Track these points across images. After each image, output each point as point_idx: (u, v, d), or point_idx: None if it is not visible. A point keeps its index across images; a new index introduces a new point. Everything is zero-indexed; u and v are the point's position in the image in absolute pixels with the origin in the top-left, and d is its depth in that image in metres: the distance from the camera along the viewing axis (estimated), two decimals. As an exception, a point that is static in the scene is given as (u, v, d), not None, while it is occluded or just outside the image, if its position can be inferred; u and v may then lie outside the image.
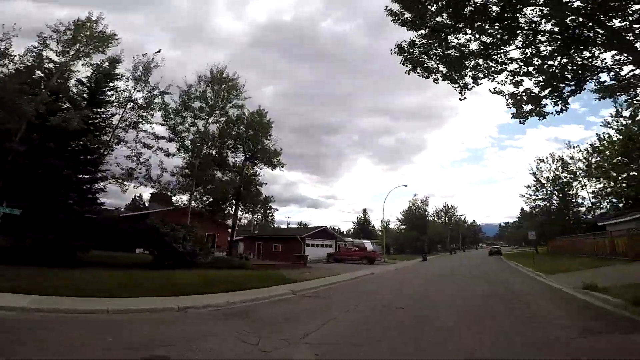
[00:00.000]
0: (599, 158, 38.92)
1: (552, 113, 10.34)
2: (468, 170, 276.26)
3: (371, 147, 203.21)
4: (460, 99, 11.32)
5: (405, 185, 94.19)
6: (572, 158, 40.69)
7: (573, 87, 9.83)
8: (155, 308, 8.48)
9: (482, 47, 10.29)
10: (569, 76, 9.82)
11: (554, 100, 10.09)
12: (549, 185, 40.67)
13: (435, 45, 11.35)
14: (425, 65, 11.92)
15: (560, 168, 40.48)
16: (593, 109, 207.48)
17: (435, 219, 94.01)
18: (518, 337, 6.09)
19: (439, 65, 11.75)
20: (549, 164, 41.39)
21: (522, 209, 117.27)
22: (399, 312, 8.54)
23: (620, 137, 37.50)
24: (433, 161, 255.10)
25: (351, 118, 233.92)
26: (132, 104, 19.65)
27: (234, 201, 22.67)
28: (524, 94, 10.64)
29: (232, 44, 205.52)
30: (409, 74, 12.20)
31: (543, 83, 9.99)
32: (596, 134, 58.17)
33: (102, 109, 18.83)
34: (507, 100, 11.76)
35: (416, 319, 7.70)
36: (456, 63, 11.13)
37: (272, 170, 25.61)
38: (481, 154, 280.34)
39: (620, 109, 37.17)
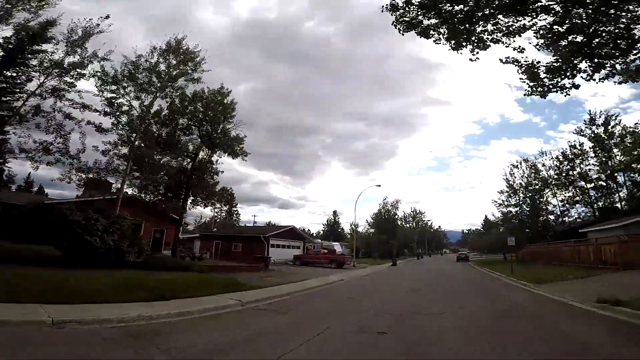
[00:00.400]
0: (568, 166, 39.24)
1: (595, 79, 8.20)
2: (434, 178, 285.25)
3: (344, 151, 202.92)
4: (471, 60, 9.07)
5: (379, 186, 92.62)
6: (543, 165, 40.70)
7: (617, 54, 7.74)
8: (10, 320, 5.60)
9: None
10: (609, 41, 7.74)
11: (591, 66, 7.98)
12: (521, 191, 40.32)
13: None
14: (423, 25, 9.59)
15: (532, 175, 40.28)
16: (552, 124, 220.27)
17: (404, 223, 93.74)
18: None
19: (441, 26, 9.45)
20: (523, 170, 41.13)
21: (486, 217, 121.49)
22: (385, 341, 5.95)
23: (592, 144, 38.01)
24: (402, 168, 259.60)
25: (326, 121, 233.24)
26: (58, 69, 16.07)
27: (183, 190, 19.10)
28: (553, 61, 8.44)
29: (211, 38, 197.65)
30: (403, 34, 9.87)
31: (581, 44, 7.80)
32: (568, 141, 59.75)
33: (17, 73, 15.26)
34: (519, 72, 9.66)
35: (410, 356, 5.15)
36: (464, 25, 8.88)
37: (233, 158, 22.38)
38: (447, 163, 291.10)
39: (594, 117, 37.91)
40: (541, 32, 8.24)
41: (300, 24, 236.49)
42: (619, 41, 7.59)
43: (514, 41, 9.13)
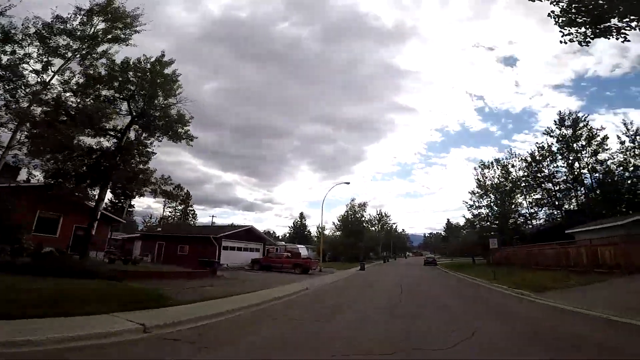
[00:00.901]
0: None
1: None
2: (397, 184, 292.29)
3: (312, 154, 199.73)
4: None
5: (348, 183, 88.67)
6: (513, 166, 39.99)
7: None
8: None
9: None
10: None
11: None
12: (492, 192, 39.19)
13: None
14: None
15: (503, 175, 39.38)
16: (507, 133, 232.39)
17: (369, 226, 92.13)
18: None
19: None
20: (494, 170, 40.13)
21: (448, 221, 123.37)
22: None
23: (559, 146, 37.75)
24: (369, 173, 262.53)
25: (295, 123, 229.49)
26: None
27: (100, 174, 14.63)
28: None
29: (179, 35, 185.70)
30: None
31: None
32: (536, 143, 60.56)
33: None
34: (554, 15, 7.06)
35: None
36: None
37: (174, 142, 18.25)
38: (410, 169, 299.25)
39: (565, 118, 37.65)
40: None
41: (274, 25, 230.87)
42: None
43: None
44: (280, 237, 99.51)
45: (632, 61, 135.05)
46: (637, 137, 35.22)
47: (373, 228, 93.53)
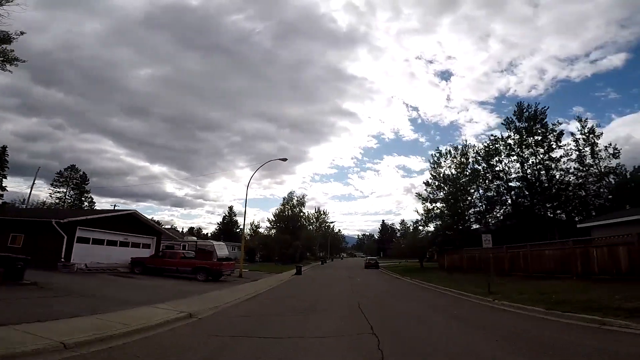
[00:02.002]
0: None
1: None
2: (334, 186, 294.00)
3: (252, 151, 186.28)
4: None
5: (285, 159, 69.63)
6: (467, 158, 36.32)
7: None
8: None
9: None
10: None
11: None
12: (448, 186, 34.93)
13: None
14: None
15: (460, 167, 35.41)
16: (434, 145, 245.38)
17: (307, 223, 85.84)
18: None
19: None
20: (451, 160, 35.98)
21: (383, 222, 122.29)
22: None
23: (517, 137, 35.06)
24: (309, 173, 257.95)
25: (235, 118, 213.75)
26: None
27: None
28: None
29: (118, 16, 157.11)
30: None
31: None
32: (491, 134, 58.48)
33: None
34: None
35: None
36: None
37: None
38: (346, 173, 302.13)
39: (523, 109, 34.97)
40: None
41: (227, 16, 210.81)
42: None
43: None
44: (209, 235, 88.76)
45: (547, 84, 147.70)
46: (591, 136, 34.31)
47: (310, 227, 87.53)
